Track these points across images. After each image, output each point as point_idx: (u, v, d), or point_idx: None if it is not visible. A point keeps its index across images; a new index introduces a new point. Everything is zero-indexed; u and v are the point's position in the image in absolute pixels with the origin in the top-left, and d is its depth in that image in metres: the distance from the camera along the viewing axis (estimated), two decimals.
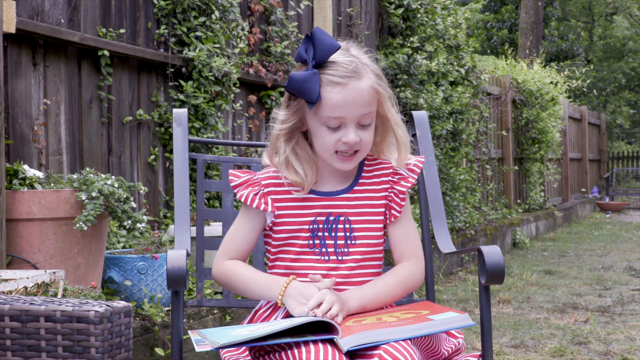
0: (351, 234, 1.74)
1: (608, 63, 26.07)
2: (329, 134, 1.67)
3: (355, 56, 1.70)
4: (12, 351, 1.54)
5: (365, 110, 1.66)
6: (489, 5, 20.85)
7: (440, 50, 6.86)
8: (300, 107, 1.69)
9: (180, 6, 4.09)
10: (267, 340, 1.48)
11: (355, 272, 1.73)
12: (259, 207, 1.73)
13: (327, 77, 1.65)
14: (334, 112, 1.65)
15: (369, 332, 1.47)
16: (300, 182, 1.72)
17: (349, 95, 1.64)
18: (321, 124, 1.67)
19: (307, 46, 1.66)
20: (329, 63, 1.66)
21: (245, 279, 1.72)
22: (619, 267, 6.95)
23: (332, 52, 1.65)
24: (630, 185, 19.22)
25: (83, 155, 3.60)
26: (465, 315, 1.53)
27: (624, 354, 3.75)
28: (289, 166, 1.72)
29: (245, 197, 1.74)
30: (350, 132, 1.66)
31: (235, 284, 1.74)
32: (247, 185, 1.76)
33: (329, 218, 1.74)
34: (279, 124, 1.72)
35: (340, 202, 1.75)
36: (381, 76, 1.71)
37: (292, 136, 1.73)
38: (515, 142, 9.94)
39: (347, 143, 1.66)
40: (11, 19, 3.01)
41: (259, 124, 4.96)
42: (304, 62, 1.67)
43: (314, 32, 1.65)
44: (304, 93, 1.64)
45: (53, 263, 2.86)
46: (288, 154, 1.72)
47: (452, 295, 5.47)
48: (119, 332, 1.55)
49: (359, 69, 1.67)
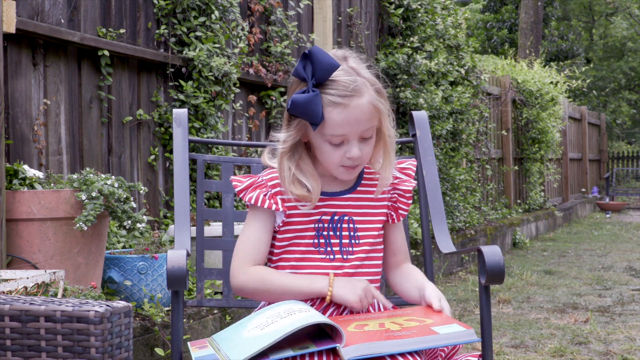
0: (355, 233, 1.76)
1: (608, 62, 26.08)
2: (333, 150, 1.69)
3: (354, 69, 1.69)
4: (12, 351, 1.54)
5: (366, 126, 1.68)
6: (489, 5, 20.85)
7: (440, 50, 6.86)
8: (301, 125, 1.70)
9: (180, 6, 4.09)
10: (270, 354, 1.48)
11: (359, 271, 1.75)
12: (270, 208, 1.73)
13: (328, 98, 1.65)
14: (337, 131, 1.66)
15: (372, 343, 1.47)
16: (307, 195, 1.72)
17: (351, 115, 1.65)
18: (324, 141, 1.68)
19: (305, 64, 1.66)
20: (329, 81, 1.66)
21: (283, 280, 1.70)
22: (619, 267, 6.95)
23: (332, 72, 1.65)
24: (630, 185, 19.22)
25: (83, 155, 3.60)
26: (470, 331, 1.52)
27: (624, 354, 3.75)
28: (295, 182, 1.72)
29: (255, 199, 1.74)
30: (354, 147, 1.68)
31: (270, 287, 1.70)
32: (255, 188, 1.76)
33: (333, 217, 1.76)
34: (281, 144, 1.73)
35: (344, 202, 1.77)
36: (381, 91, 1.72)
37: (295, 152, 1.73)
38: (515, 142, 9.94)
39: (351, 158, 1.68)
40: (11, 19, 3.01)
41: (259, 124, 4.96)
42: (303, 80, 1.67)
43: (312, 51, 1.65)
44: (308, 115, 1.65)
45: (53, 263, 2.86)
46: (294, 170, 1.72)
47: (452, 295, 5.47)
48: (118, 332, 1.55)
49: (359, 87, 1.66)
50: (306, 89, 1.66)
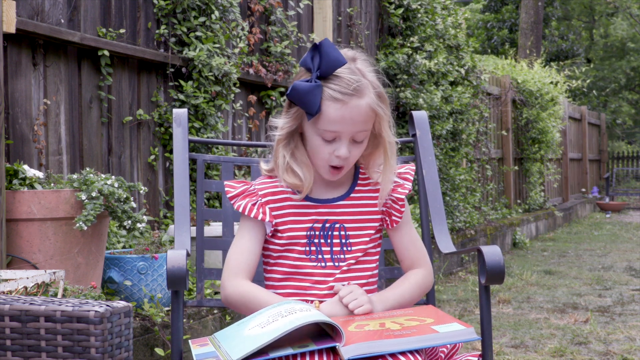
0: (347, 240, 1.76)
1: (609, 62, 26.07)
2: (323, 145, 1.69)
3: (360, 71, 1.70)
4: (12, 351, 1.54)
5: (361, 128, 1.68)
6: (489, 5, 20.85)
7: (440, 50, 6.86)
8: (300, 113, 1.71)
9: (180, 6, 4.09)
10: (270, 351, 1.48)
11: (348, 276, 1.75)
12: (256, 217, 1.73)
13: (328, 92, 1.65)
14: (331, 127, 1.66)
15: (371, 342, 1.47)
16: (299, 184, 1.73)
17: (348, 113, 1.65)
18: (316, 134, 1.69)
19: (313, 54, 1.67)
20: (333, 76, 1.67)
21: (268, 301, 1.67)
22: (619, 267, 6.95)
23: (338, 67, 1.66)
24: (630, 185, 19.22)
25: (83, 155, 3.60)
26: (470, 330, 1.52)
27: (624, 354, 3.75)
28: (288, 170, 1.73)
29: (243, 208, 1.75)
30: (343, 146, 1.68)
31: (251, 306, 1.68)
32: (245, 196, 1.77)
33: (325, 225, 1.76)
34: (278, 130, 1.73)
35: (336, 209, 1.77)
36: (383, 96, 1.71)
37: (291, 140, 1.74)
38: (515, 142, 9.94)
39: (339, 157, 1.69)
40: (11, 19, 3.01)
41: (259, 124, 4.96)
42: (309, 70, 1.68)
43: (322, 43, 1.66)
44: (305, 104, 1.66)
45: (53, 263, 2.86)
46: (288, 159, 1.73)
47: (452, 295, 5.47)
48: (118, 332, 1.55)
49: (362, 87, 1.67)
50: (310, 78, 1.67)
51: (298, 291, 1.74)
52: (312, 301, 1.72)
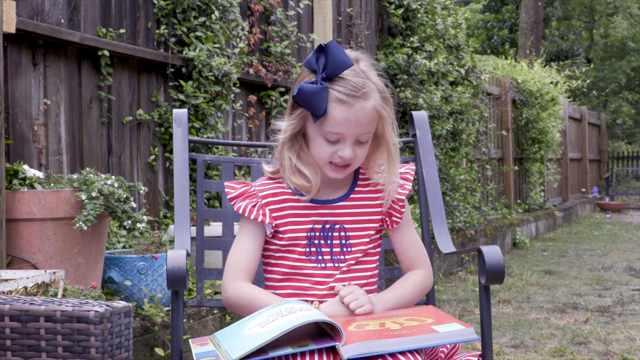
0: (347, 241, 1.76)
1: (609, 62, 26.07)
2: (326, 146, 1.69)
3: (364, 72, 1.70)
4: (12, 351, 1.54)
5: (365, 130, 1.68)
6: (490, 5, 20.85)
7: (440, 50, 6.86)
8: (304, 115, 1.70)
9: (180, 6, 4.09)
10: (270, 350, 1.48)
11: (351, 276, 1.75)
12: (256, 219, 1.74)
13: (334, 94, 1.65)
14: (335, 129, 1.66)
15: (371, 342, 1.47)
16: (307, 185, 1.73)
17: (353, 116, 1.65)
18: (320, 135, 1.69)
19: (318, 56, 1.67)
20: (338, 78, 1.66)
21: (267, 302, 1.67)
22: (619, 267, 6.95)
23: (344, 69, 1.66)
24: (630, 185, 19.22)
25: (83, 156, 3.60)
26: (470, 329, 1.52)
27: (624, 354, 3.75)
28: (295, 172, 1.73)
29: (243, 209, 1.75)
30: (347, 148, 1.68)
31: (250, 308, 1.69)
32: (245, 197, 1.77)
33: (325, 226, 1.76)
34: (282, 132, 1.73)
35: (336, 210, 1.77)
36: (387, 98, 1.72)
37: (295, 142, 1.74)
38: (515, 142, 9.94)
39: (342, 158, 1.69)
40: (11, 19, 3.01)
41: (259, 124, 4.96)
42: (313, 71, 1.68)
43: (328, 45, 1.66)
44: (311, 106, 1.65)
45: (53, 263, 2.86)
46: (295, 161, 1.72)
47: (452, 295, 5.47)
48: (118, 332, 1.55)
49: (367, 90, 1.67)
50: (315, 80, 1.66)
51: (298, 292, 1.75)
52: (312, 301, 1.72)
